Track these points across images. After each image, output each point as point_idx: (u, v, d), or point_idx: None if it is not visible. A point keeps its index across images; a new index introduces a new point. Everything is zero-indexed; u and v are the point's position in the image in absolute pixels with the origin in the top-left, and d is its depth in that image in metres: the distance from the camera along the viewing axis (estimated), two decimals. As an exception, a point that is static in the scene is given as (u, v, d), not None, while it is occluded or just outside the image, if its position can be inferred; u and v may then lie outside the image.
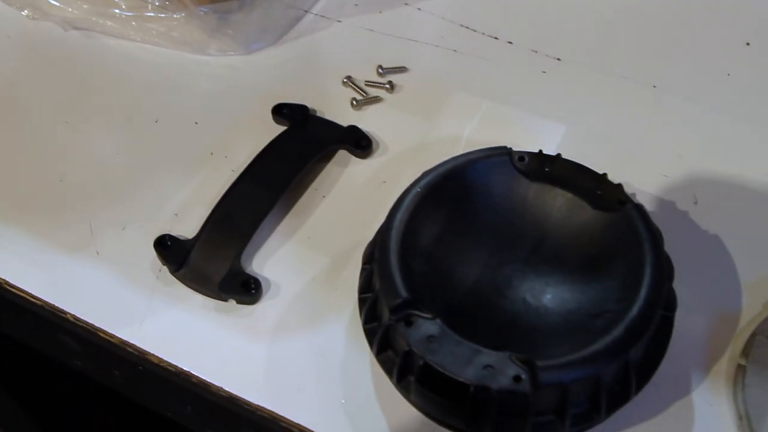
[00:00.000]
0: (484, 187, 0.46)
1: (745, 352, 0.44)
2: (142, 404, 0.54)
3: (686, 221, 0.49)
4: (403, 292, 0.40)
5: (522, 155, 0.46)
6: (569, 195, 0.45)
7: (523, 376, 0.38)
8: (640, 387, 0.41)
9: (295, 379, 0.44)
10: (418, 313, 0.40)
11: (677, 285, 0.44)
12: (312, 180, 0.52)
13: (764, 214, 0.50)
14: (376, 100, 0.56)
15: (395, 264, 0.42)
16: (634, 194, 0.50)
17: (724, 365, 0.44)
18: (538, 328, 0.42)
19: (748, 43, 0.59)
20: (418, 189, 0.44)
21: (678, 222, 0.49)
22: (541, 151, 0.46)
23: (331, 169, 0.53)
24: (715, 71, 0.58)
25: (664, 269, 0.42)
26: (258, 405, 0.43)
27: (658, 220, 0.48)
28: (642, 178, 0.51)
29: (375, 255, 0.43)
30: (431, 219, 0.44)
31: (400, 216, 0.43)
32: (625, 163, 0.52)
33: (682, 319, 0.45)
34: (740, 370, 0.44)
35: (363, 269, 0.45)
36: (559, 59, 0.58)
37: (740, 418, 0.42)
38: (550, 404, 0.39)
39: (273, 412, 0.43)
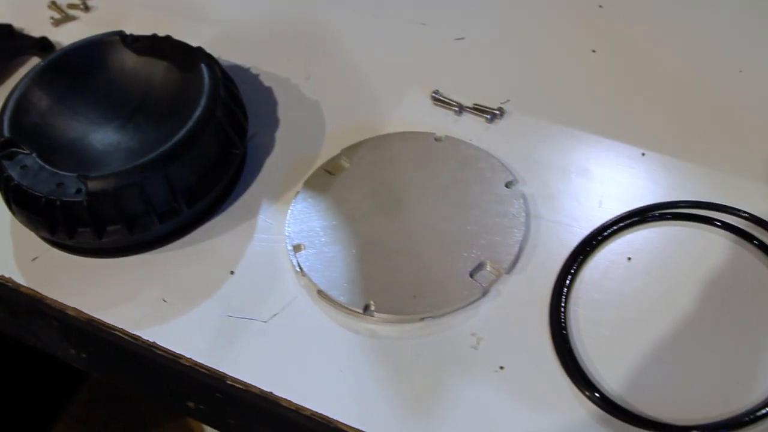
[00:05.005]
0: (100, 61, 0.57)
1: (306, 182, 0.55)
2: None
3: (298, 92, 0.60)
4: (6, 133, 0.52)
5: (137, 37, 0.57)
6: (166, 64, 0.56)
7: (83, 189, 0.49)
8: (192, 204, 0.51)
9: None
10: (18, 150, 0.51)
11: (278, 136, 0.56)
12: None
13: (357, 86, 0.60)
14: (72, 18, 0.68)
15: (7, 115, 0.53)
16: (258, 75, 0.61)
17: (291, 194, 0.54)
18: (117, 161, 0.53)
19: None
20: (42, 63, 0.56)
21: (292, 92, 0.60)
22: (155, 34, 0.57)
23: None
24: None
25: (215, 111, 0.52)
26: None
27: (273, 91, 0.59)
28: (271, 65, 0.62)
29: None
30: (53, 86, 0.56)
31: (24, 82, 0.55)
32: (260, 51, 0.64)
33: (281, 163, 0.56)
34: (297, 195, 0.54)
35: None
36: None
37: (286, 232, 0.52)
38: (111, 213, 0.50)
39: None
